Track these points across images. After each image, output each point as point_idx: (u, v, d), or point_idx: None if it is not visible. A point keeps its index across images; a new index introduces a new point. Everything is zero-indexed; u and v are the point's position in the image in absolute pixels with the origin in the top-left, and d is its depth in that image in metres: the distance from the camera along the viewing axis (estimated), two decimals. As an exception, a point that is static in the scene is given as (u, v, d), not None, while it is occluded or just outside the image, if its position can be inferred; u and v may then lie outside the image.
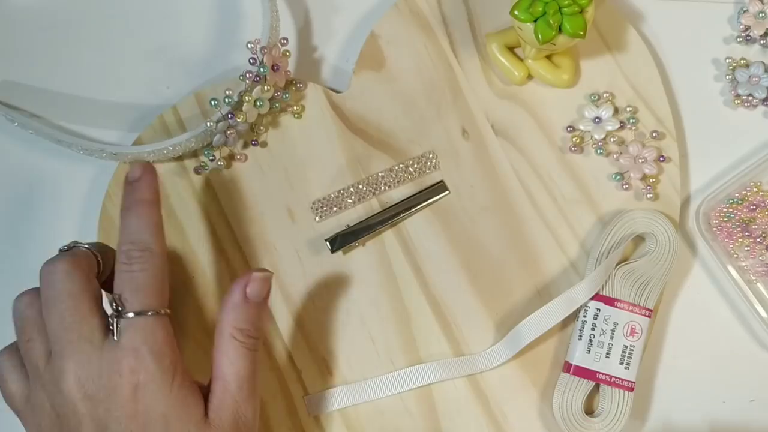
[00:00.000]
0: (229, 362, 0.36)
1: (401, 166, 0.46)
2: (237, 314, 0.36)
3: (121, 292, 0.35)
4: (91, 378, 0.33)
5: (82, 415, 0.33)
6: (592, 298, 0.43)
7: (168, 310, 0.36)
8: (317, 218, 0.45)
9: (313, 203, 0.46)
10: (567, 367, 0.43)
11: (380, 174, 0.46)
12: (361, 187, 0.46)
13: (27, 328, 0.35)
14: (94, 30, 0.50)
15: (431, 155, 0.46)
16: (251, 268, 0.39)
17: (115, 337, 0.34)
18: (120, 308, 0.34)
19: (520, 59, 0.46)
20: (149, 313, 0.34)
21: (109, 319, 0.35)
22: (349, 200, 0.45)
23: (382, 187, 0.46)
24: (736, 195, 0.45)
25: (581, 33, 0.40)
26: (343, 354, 0.44)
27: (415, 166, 0.46)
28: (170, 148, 0.44)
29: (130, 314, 0.34)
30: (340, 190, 0.46)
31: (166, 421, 0.33)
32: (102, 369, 0.33)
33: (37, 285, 0.36)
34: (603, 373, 0.42)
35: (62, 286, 0.34)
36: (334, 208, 0.45)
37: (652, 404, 0.45)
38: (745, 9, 0.47)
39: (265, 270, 0.38)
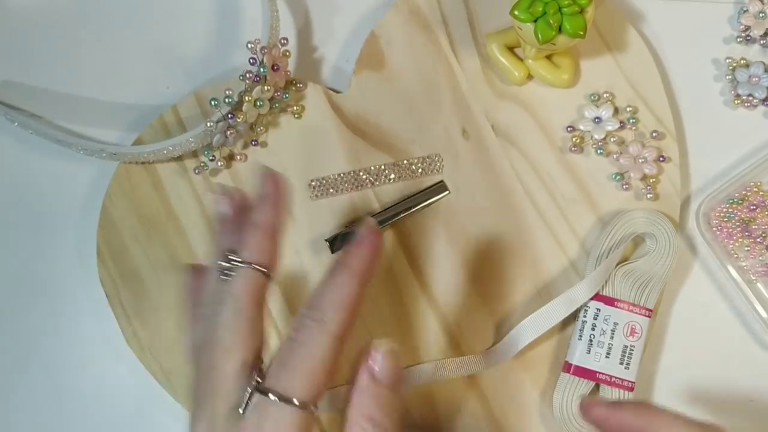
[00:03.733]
0: None
1: (405, 162, 0.46)
2: (365, 399, 0.30)
3: (273, 362, 0.29)
4: None
5: None
6: (592, 298, 0.43)
7: (316, 408, 0.29)
8: (312, 196, 0.45)
9: (312, 181, 0.46)
10: (567, 367, 0.43)
11: (382, 166, 0.46)
12: (361, 174, 0.45)
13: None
14: (94, 30, 0.50)
15: (437, 158, 0.46)
16: (373, 341, 0.31)
17: (241, 410, 0.28)
18: (260, 380, 0.29)
19: (520, 59, 0.46)
20: (294, 403, 0.28)
21: (248, 384, 0.29)
22: (346, 185, 0.45)
23: (382, 179, 0.46)
24: (736, 195, 0.45)
25: (581, 33, 0.40)
26: (343, 354, 0.44)
27: (419, 165, 0.46)
28: (170, 148, 0.44)
29: (271, 395, 0.28)
30: (340, 173, 0.46)
31: None
32: None
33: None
34: (603, 373, 0.42)
35: (219, 333, 0.30)
36: (331, 190, 0.45)
37: (652, 404, 0.45)
38: (745, 9, 0.47)
39: (386, 341, 0.31)
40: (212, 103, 0.44)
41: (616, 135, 0.46)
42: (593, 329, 0.43)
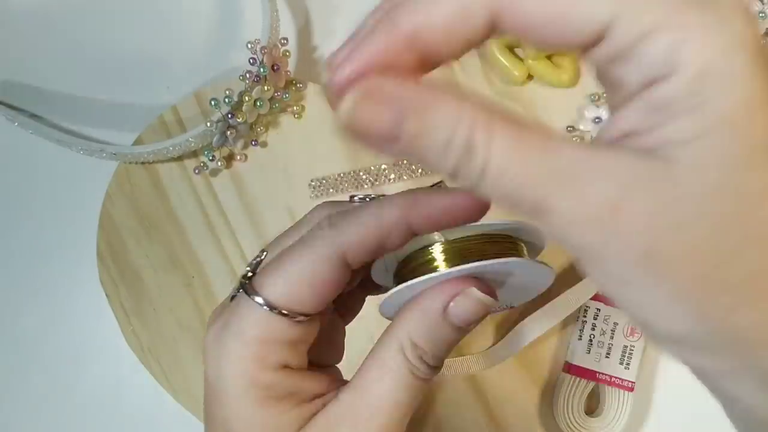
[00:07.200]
0: (378, 378, 0.25)
1: (405, 162, 0.46)
2: (420, 325, 0.25)
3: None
4: None
5: None
6: (592, 298, 0.43)
7: (303, 317, 0.25)
8: (312, 196, 0.45)
9: (312, 181, 0.46)
10: (567, 367, 0.43)
11: (382, 166, 0.46)
12: (361, 174, 0.46)
13: None
14: (94, 30, 0.50)
15: None
16: (467, 277, 0.25)
17: (229, 301, 0.26)
18: (251, 275, 0.26)
19: (520, 59, 0.46)
20: (259, 302, 0.25)
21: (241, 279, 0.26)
22: (346, 185, 0.45)
23: (382, 179, 0.46)
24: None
25: (581, 33, 0.40)
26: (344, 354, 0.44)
27: (420, 165, 0.46)
28: (170, 148, 0.44)
29: (242, 292, 0.26)
30: (340, 174, 0.46)
31: None
32: None
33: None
34: (603, 373, 0.42)
35: None
36: (330, 190, 0.45)
37: (652, 404, 0.45)
38: (745, 9, 0.47)
39: (488, 289, 0.26)
40: (212, 103, 0.44)
41: (616, 135, 0.46)
42: (593, 329, 0.43)
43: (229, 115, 0.44)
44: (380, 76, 0.19)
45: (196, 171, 0.46)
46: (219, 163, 0.46)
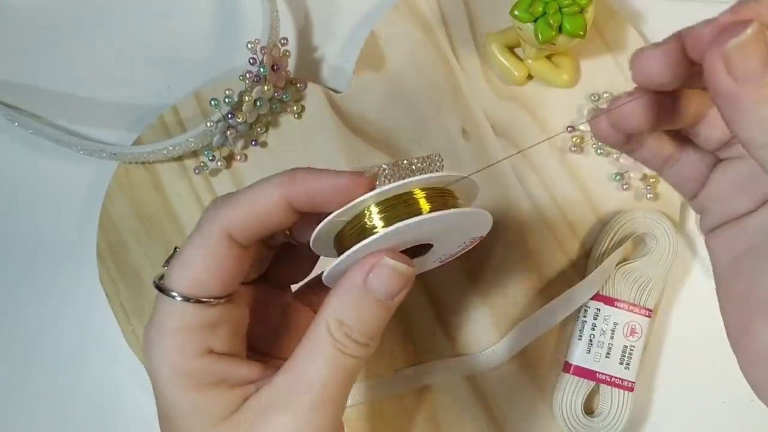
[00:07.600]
0: (309, 359, 0.25)
1: (405, 162, 0.46)
2: (344, 303, 0.26)
3: None
4: None
5: None
6: (592, 298, 0.43)
7: (215, 301, 0.27)
8: None
9: None
10: (567, 367, 0.43)
11: (382, 166, 0.46)
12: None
13: None
14: (94, 30, 0.50)
15: (437, 158, 0.46)
16: (384, 251, 0.26)
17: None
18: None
19: (520, 59, 0.46)
20: (171, 295, 0.26)
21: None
22: None
23: (382, 179, 0.46)
24: (736, 195, 0.45)
25: (581, 33, 0.40)
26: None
27: (419, 165, 0.46)
28: (170, 148, 0.44)
29: (156, 288, 0.27)
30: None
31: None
32: None
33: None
34: (603, 373, 0.42)
35: None
36: None
37: (652, 404, 0.45)
38: (745, 9, 0.47)
39: (405, 259, 0.26)
40: (212, 103, 0.44)
41: (616, 135, 0.46)
42: (593, 329, 0.43)
43: (229, 115, 0.44)
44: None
45: (196, 171, 0.46)
46: (219, 163, 0.46)
